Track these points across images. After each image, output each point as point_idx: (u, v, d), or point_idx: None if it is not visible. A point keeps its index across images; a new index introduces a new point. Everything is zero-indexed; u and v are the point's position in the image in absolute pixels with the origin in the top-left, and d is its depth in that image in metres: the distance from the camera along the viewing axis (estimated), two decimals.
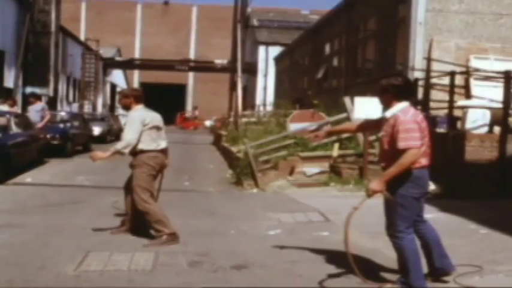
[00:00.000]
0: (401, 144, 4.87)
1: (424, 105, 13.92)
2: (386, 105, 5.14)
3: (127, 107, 7.25)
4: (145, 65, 55.03)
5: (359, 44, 22.11)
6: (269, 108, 35.18)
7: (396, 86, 5.06)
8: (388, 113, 5.09)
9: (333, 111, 15.98)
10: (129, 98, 7.23)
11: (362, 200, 5.03)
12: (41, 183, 12.92)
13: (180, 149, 23.32)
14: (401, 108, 5.02)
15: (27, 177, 13.89)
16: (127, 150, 6.97)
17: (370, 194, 4.98)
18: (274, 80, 43.39)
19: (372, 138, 13.55)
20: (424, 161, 5.04)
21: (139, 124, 6.99)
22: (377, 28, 19.90)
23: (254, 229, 8.05)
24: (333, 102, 17.98)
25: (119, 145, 7.00)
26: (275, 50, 43.54)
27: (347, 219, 5.13)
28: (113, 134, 29.88)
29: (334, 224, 8.28)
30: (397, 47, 17.62)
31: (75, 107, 39.77)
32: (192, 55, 70.97)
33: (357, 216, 5.12)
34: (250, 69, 44.32)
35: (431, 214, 9.25)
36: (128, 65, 53.67)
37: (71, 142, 19.71)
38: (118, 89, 53.55)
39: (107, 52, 49.84)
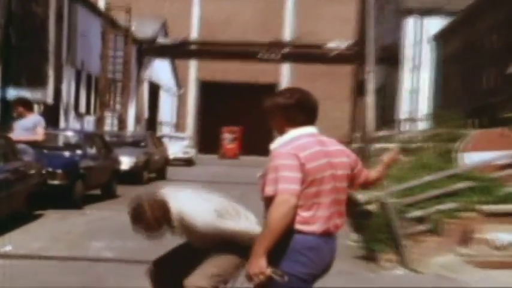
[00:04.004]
0: (266, 190, 5.20)
1: None
2: (279, 132, 5.61)
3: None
4: (207, 51, 55.76)
5: None
6: (423, 125, 34.93)
7: (284, 106, 5.47)
8: (272, 145, 5.53)
9: None
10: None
11: None
12: (30, 255, 13.09)
13: None
14: (290, 137, 5.43)
15: (8, 242, 14.13)
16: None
17: (252, 280, 5.23)
18: (433, 75, 43.12)
19: None
20: (319, 224, 5.28)
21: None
22: None
23: None
24: None
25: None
26: (434, 24, 43.54)
27: None
28: (154, 168, 30.28)
29: None
30: None
31: (90, 122, 40.79)
32: (287, 35, 71.76)
33: None
34: (390, 58, 44.26)
35: None
36: (178, 51, 54.59)
37: (82, 182, 19.97)
38: (162, 91, 54.53)
39: (143, 29, 50.98)
